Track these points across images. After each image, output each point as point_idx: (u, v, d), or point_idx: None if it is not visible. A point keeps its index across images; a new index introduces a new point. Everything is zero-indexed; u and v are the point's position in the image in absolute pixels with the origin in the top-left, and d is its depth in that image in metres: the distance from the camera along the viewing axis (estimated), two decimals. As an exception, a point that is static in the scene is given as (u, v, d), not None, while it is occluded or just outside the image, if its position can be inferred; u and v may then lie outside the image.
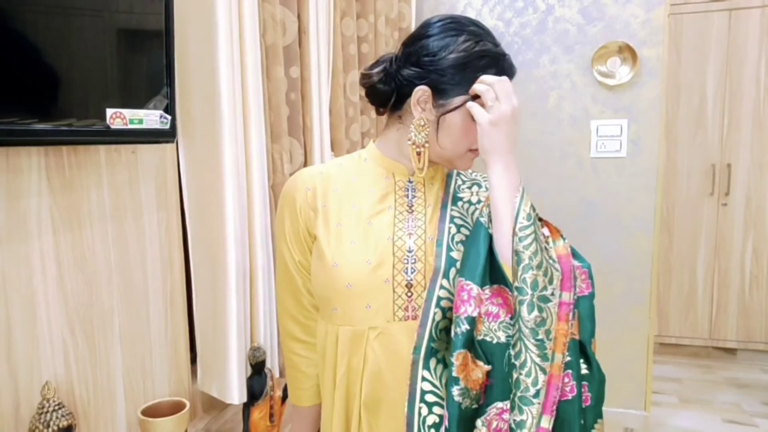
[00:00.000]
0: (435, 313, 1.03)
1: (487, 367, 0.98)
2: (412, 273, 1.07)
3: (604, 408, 1.07)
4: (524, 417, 0.94)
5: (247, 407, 1.78)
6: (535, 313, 0.94)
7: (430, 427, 1.00)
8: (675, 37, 3.71)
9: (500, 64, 1.07)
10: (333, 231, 1.11)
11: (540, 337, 0.94)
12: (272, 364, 1.91)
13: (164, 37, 1.42)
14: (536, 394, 0.94)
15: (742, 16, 3.60)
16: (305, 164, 2.17)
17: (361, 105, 2.57)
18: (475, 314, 0.98)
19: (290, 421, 2.12)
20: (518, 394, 0.95)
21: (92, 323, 1.43)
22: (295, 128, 2.09)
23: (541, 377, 0.94)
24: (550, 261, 0.99)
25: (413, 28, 2.43)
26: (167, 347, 1.69)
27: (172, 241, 1.69)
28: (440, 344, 1.02)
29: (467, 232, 1.09)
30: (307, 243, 1.16)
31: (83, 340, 1.41)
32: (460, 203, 1.15)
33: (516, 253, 0.96)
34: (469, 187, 1.20)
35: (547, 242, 1.02)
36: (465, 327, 0.97)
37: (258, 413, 1.80)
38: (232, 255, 1.68)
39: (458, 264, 1.04)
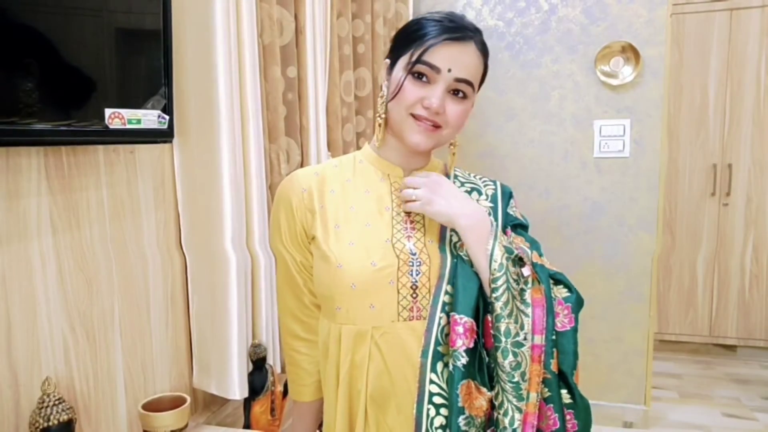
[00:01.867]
0: (440, 318, 1.06)
1: (490, 394, 1.04)
2: (417, 275, 1.09)
3: (602, 402, 1.16)
4: None
5: (248, 402, 1.80)
6: (510, 358, 1.00)
7: (437, 428, 1.03)
8: (677, 37, 3.71)
9: (431, 28, 1.08)
10: (332, 232, 1.12)
11: (516, 379, 1.00)
12: (273, 360, 1.92)
13: (162, 37, 1.43)
14: None
15: (743, 16, 3.60)
16: (302, 164, 2.18)
17: (356, 105, 2.58)
18: (471, 345, 1.03)
19: (290, 416, 2.14)
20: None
21: (92, 320, 1.45)
22: (293, 128, 2.10)
23: (517, 416, 1.00)
24: (521, 308, 1.03)
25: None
26: (168, 342, 1.71)
27: (170, 240, 1.71)
28: (445, 348, 1.05)
29: None
30: (305, 244, 1.17)
31: (83, 336, 1.42)
32: None
33: (490, 303, 1.03)
34: (469, 192, 1.20)
35: (525, 284, 1.05)
36: (463, 360, 1.02)
37: (259, 408, 1.81)
38: (231, 254, 1.70)
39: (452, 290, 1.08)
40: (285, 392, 1.93)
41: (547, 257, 1.20)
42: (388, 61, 1.16)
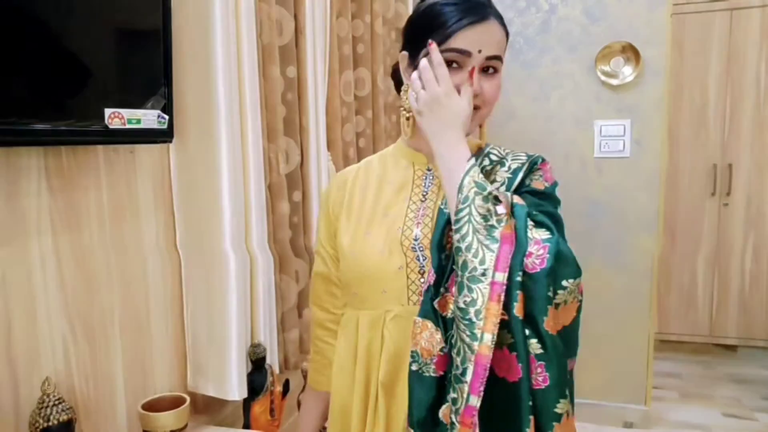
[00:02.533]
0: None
1: (439, 338, 1.03)
2: (424, 260, 1.10)
3: (603, 402, 1.10)
4: (455, 395, 0.97)
5: (247, 402, 1.80)
6: (465, 293, 0.96)
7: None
8: (677, 37, 3.71)
9: (450, 13, 1.06)
10: (353, 222, 1.19)
11: (469, 316, 0.95)
12: (272, 360, 1.92)
13: (162, 37, 1.43)
14: (463, 373, 0.95)
15: (743, 16, 3.60)
16: (302, 165, 2.18)
17: (356, 105, 2.58)
18: (432, 281, 1.04)
19: (290, 416, 2.14)
20: (451, 372, 0.99)
21: (92, 320, 1.45)
22: (292, 128, 2.10)
23: (469, 356, 0.95)
24: (486, 242, 0.97)
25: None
26: (167, 342, 1.71)
27: (170, 239, 1.71)
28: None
29: None
30: (336, 239, 1.23)
31: (83, 336, 1.43)
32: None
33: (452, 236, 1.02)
34: (492, 165, 1.16)
35: (499, 222, 0.98)
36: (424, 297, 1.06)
37: (259, 408, 1.81)
38: (230, 254, 1.70)
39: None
40: (284, 392, 1.93)
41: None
42: (405, 53, 1.15)
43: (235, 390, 1.73)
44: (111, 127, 1.30)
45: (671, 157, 3.82)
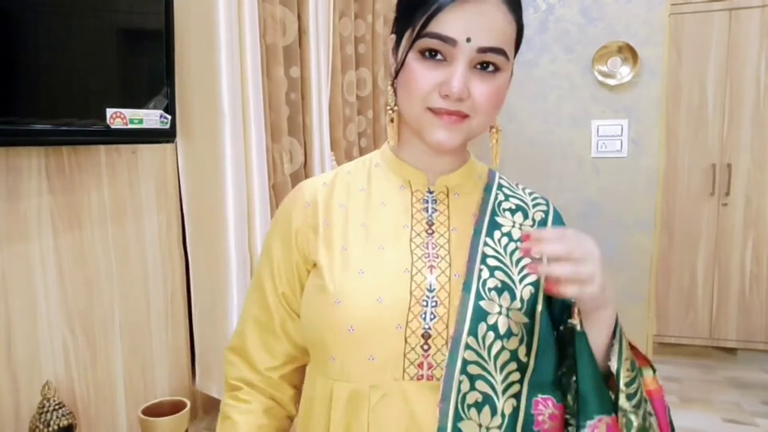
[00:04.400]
0: (461, 382, 0.80)
1: None
2: (431, 320, 0.83)
3: None
4: None
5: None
6: None
7: None
8: (675, 37, 3.72)
9: None
10: (337, 256, 0.88)
11: None
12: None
13: (164, 37, 1.42)
14: None
15: (742, 15, 3.61)
16: (305, 164, 2.17)
17: (358, 105, 2.57)
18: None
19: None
20: None
21: (92, 323, 1.43)
22: (295, 128, 2.09)
23: None
24: (649, 411, 0.83)
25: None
26: (168, 347, 1.69)
27: (172, 241, 1.69)
28: (469, 425, 0.80)
29: (504, 277, 0.85)
30: (300, 273, 0.94)
31: (83, 339, 1.41)
32: (497, 233, 0.89)
33: (624, 413, 0.80)
34: (512, 211, 0.94)
35: (639, 373, 0.85)
36: None
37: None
38: (233, 256, 1.69)
39: (490, 319, 0.83)
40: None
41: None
42: (393, 36, 0.90)
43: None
44: (113, 127, 1.28)
45: (670, 157, 3.82)
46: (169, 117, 1.42)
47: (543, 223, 0.94)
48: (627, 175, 3.37)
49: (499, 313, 0.83)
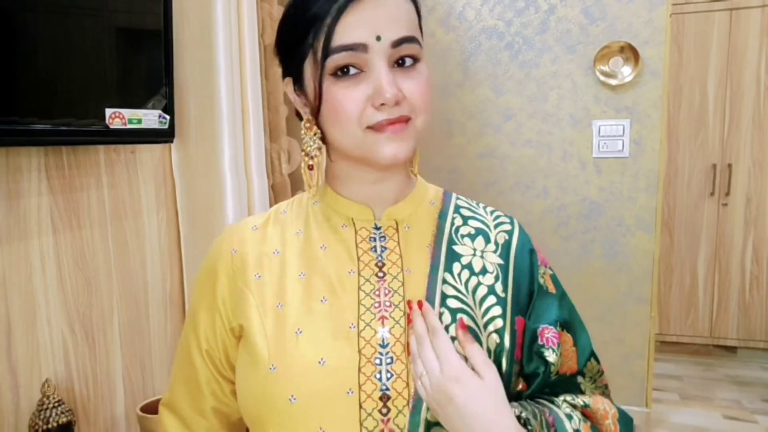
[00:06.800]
0: None
1: None
2: (388, 379, 0.73)
3: None
4: None
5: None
6: None
7: None
8: (676, 37, 3.71)
9: (314, 11, 0.71)
10: (270, 315, 0.77)
11: None
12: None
13: (163, 37, 1.42)
14: None
15: (743, 15, 3.60)
16: (304, 164, 2.17)
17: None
18: None
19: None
20: None
21: (92, 321, 1.44)
22: (294, 128, 2.10)
23: None
24: None
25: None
26: (167, 344, 1.70)
27: (171, 240, 1.70)
28: None
29: (469, 322, 0.76)
30: (225, 332, 0.81)
31: (83, 338, 1.42)
32: (456, 266, 0.79)
33: None
34: (472, 237, 0.83)
35: None
36: None
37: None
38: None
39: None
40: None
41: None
42: (289, 79, 0.80)
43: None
44: (112, 127, 1.29)
45: (671, 158, 3.82)
46: (168, 117, 1.43)
47: (507, 245, 0.83)
48: (628, 176, 3.37)
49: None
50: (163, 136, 1.44)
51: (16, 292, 1.25)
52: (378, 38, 0.70)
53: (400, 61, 0.73)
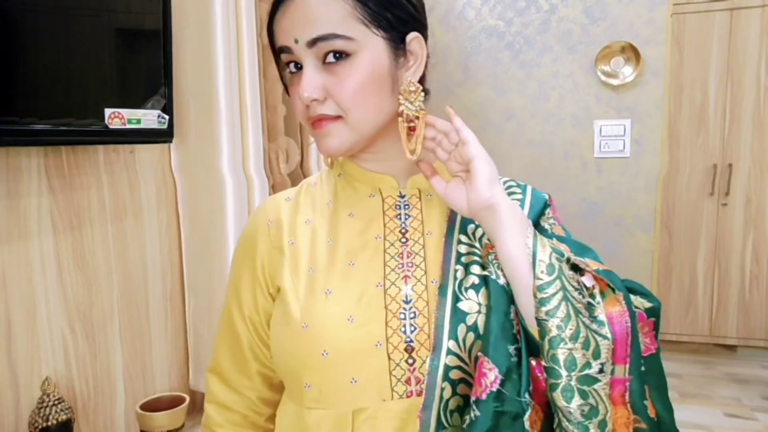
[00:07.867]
0: (443, 389, 0.75)
1: None
2: (412, 332, 0.78)
3: None
4: None
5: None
6: (578, 400, 0.69)
7: None
8: (677, 37, 3.71)
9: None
10: (303, 278, 0.83)
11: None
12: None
13: (162, 37, 1.43)
14: None
15: (743, 15, 3.59)
16: (302, 163, 2.18)
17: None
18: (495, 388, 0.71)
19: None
20: None
21: (92, 320, 1.45)
22: (292, 127, 2.10)
23: None
24: (593, 327, 0.73)
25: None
26: (167, 343, 1.71)
27: (171, 240, 1.71)
28: (453, 431, 0.75)
29: (480, 271, 0.80)
30: (264, 298, 0.87)
31: (83, 336, 1.43)
32: (471, 227, 0.85)
33: (538, 322, 0.72)
34: None
35: (592, 296, 0.76)
36: (475, 414, 0.72)
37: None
38: (231, 257, 1.70)
39: (469, 320, 0.77)
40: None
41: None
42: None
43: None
44: (111, 127, 1.30)
45: (671, 157, 3.82)
46: (167, 117, 1.43)
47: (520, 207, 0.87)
48: (629, 175, 3.37)
49: (478, 312, 0.78)
50: (163, 135, 1.45)
51: (16, 291, 1.26)
52: (296, 41, 0.72)
53: (325, 58, 0.73)
